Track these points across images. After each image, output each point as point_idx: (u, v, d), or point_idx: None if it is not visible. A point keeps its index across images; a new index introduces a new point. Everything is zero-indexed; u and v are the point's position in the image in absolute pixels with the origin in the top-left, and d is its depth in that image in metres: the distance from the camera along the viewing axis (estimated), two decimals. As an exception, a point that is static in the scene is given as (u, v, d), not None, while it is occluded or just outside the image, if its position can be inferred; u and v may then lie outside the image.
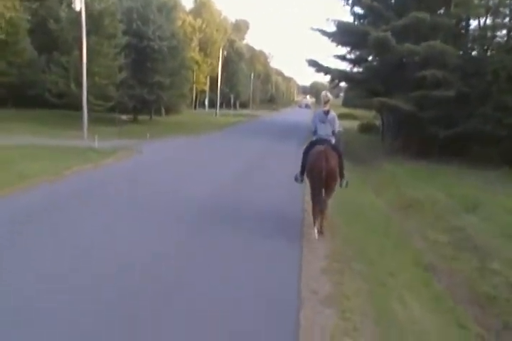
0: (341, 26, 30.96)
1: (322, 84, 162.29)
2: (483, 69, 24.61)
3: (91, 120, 33.59)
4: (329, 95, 9.40)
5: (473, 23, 29.31)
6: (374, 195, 17.55)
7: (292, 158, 14.01)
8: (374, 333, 4.89)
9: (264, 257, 7.32)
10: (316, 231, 8.69)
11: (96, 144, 20.47)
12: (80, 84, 30.82)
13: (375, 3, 28.34)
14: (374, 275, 7.12)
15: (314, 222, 8.95)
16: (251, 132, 38.95)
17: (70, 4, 30.78)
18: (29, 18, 37.10)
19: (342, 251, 7.85)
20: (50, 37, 35.44)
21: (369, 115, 56.44)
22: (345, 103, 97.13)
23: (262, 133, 36.72)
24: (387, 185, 20.10)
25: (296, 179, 9.87)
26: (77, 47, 29.88)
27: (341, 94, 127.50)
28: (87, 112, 33.05)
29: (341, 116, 66.47)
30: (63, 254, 6.99)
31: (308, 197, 10.48)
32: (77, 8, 27.58)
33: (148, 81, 41.10)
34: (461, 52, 27.08)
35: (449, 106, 25.70)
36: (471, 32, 29.44)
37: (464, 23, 29.64)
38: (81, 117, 28.17)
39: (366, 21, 32.25)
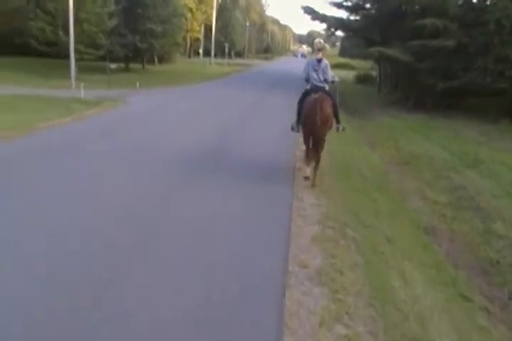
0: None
1: (319, 33, 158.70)
2: (484, 19, 23.49)
3: (80, 69, 32.54)
4: (322, 42, 9.28)
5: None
6: (370, 149, 16.88)
7: (284, 110, 13.08)
8: (370, 318, 4.29)
9: (250, 222, 6.61)
10: (308, 170, 9.09)
11: (82, 94, 19.56)
12: (68, 32, 29.71)
13: None
14: (370, 242, 6.51)
15: (307, 164, 9.30)
16: (244, 82, 37.76)
17: None
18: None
19: (335, 214, 7.20)
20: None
21: (366, 65, 55.14)
22: (342, 53, 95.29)
23: (256, 83, 35.53)
24: (384, 138, 19.41)
25: (292, 129, 9.82)
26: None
27: (338, 44, 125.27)
28: (76, 61, 32.17)
29: (338, 66, 65.61)
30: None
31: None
32: None
33: (140, 28, 39.63)
34: (461, 1, 25.81)
35: (448, 57, 24.70)
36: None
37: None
38: (69, 66, 27.04)
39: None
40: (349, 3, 32.19)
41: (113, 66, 28.20)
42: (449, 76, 24.77)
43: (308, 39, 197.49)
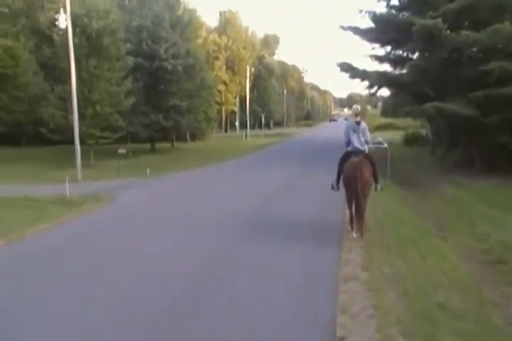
0: (378, 19, 25.70)
1: (359, 95, 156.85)
2: None
3: (96, 154, 29.76)
4: (359, 108, 10.12)
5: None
6: (438, 237, 12.28)
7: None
8: None
9: None
10: (354, 234, 9.53)
11: (67, 191, 15.72)
12: (81, 116, 26.81)
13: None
14: None
15: (352, 228, 9.78)
16: (277, 156, 33.26)
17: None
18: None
19: None
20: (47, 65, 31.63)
21: (413, 124, 50.72)
22: (384, 112, 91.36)
23: (290, 157, 30.87)
24: (455, 219, 14.90)
25: (332, 187, 10.34)
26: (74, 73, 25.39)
27: (380, 104, 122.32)
28: (91, 146, 29.10)
29: (381, 127, 61.32)
30: None
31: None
32: (63, 26, 23.54)
33: (164, 105, 36.97)
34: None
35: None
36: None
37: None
38: (74, 154, 23.64)
39: (408, 14, 26.86)
40: (392, 56, 28.19)
41: (122, 151, 24.55)
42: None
43: (349, 102, 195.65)
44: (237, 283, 7.20)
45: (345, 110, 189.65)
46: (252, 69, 72.00)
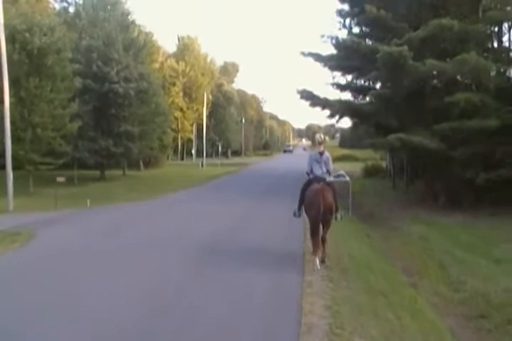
0: (341, 46, 24.55)
1: (318, 126, 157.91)
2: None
3: (39, 180, 27.49)
4: (323, 137, 10.14)
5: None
6: (410, 286, 10.78)
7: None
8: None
9: None
10: (317, 261, 9.20)
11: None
12: (20, 139, 24.73)
13: (383, 13, 21.84)
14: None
15: (316, 253, 9.33)
16: (231, 188, 30.70)
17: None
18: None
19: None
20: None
21: (373, 155, 49.84)
22: (343, 144, 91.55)
23: (247, 188, 28.95)
24: (424, 262, 13.43)
25: (294, 214, 10.24)
26: (12, 93, 23.24)
27: (337, 135, 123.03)
28: (30, 172, 26.95)
29: (340, 158, 60.48)
30: None
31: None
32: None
33: (114, 130, 34.80)
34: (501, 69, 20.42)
35: (490, 140, 19.08)
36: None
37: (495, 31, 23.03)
38: (5, 181, 21.37)
39: (371, 41, 25.72)
40: (355, 84, 26.99)
41: (61, 179, 22.45)
42: (493, 164, 19.07)
43: (308, 133, 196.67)
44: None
45: (304, 140, 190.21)
46: (210, 97, 70.56)
